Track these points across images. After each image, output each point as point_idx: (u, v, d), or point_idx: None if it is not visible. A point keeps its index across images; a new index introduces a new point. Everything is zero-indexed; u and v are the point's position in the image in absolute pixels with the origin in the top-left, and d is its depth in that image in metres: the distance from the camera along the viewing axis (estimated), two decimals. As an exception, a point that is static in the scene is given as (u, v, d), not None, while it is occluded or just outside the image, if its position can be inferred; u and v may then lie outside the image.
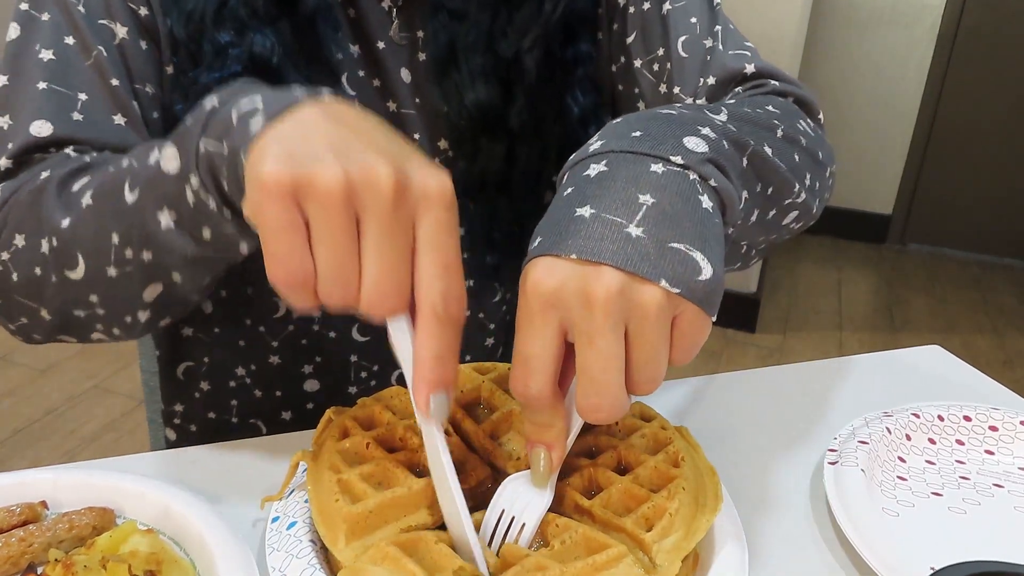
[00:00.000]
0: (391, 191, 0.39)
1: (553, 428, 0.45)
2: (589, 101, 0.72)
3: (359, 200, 0.39)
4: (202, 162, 0.45)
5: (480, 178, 0.70)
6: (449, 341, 0.41)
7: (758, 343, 2.65)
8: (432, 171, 0.41)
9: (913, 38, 3.15)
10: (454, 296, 0.41)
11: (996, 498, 0.60)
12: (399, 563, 0.42)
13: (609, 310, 0.40)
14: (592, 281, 0.40)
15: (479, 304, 0.77)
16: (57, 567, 0.44)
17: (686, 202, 0.43)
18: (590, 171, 0.45)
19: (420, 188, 0.40)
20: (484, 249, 0.73)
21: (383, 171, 0.39)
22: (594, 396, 0.41)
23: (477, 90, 0.67)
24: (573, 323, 0.41)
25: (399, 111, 0.69)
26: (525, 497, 0.47)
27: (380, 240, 0.39)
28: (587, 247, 0.41)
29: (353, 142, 0.40)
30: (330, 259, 0.39)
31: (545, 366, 0.42)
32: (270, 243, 0.39)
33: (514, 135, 0.69)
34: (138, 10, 0.62)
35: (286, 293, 0.40)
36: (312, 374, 0.75)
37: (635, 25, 0.71)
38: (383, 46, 0.68)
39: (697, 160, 0.44)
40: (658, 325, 0.41)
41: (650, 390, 0.43)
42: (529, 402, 0.43)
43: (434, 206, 0.40)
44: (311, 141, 0.40)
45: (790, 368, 0.77)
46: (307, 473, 0.49)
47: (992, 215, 3.31)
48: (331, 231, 0.39)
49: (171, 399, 0.80)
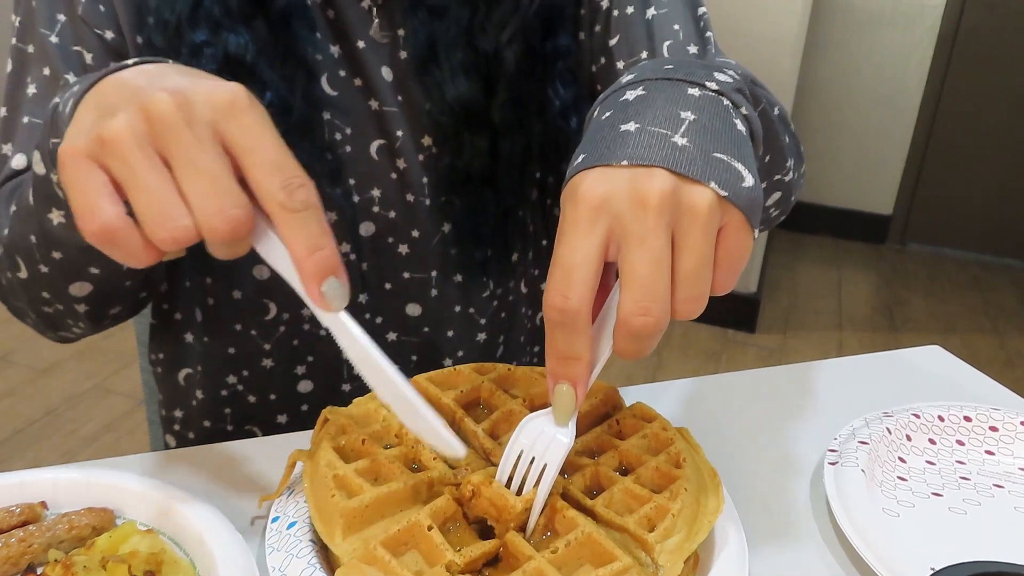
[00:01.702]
0: (174, 114, 0.38)
1: (580, 360, 0.43)
2: (570, 94, 0.72)
3: (152, 137, 0.38)
4: (55, 158, 0.46)
5: (465, 173, 0.70)
6: (313, 228, 0.40)
7: (758, 343, 2.65)
8: (218, 83, 0.40)
9: (913, 38, 3.15)
10: (296, 184, 0.39)
11: (996, 498, 0.60)
12: (387, 567, 0.42)
13: (663, 208, 0.40)
14: (645, 182, 0.40)
15: (468, 300, 0.77)
16: (57, 567, 0.44)
17: (724, 122, 0.44)
18: (628, 96, 0.46)
19: (207, 102, 0.39)
20: (471, 244, 0.73)
21: (160, 98, 0.38)
22: (644, 299, 0.40)
23: (458, 86, 0.67)
24: (624, 226, 0.40)
25: (381, 109, 0.70)
26: (546, 437, 0.45)
27: (188, 164, 0.38)
28: (637, 154, 0.41)
29: (138, 91, 0.40)
30: (144, 200, 0.38)
31: (587, 276, 0.40)
32: (73, 203, 0.39)
33: (497, 129, 0.69)
34: (103, 35, 0.64)
35: (102, 245, 0.39)
36: (305, 375, 0.75)
37: (618, 28, 0.72)
38: (363, 45, 0.68)
39: (730, 88, 0.47)
40: (707, 229, 0.41)
41: (693, 311, 0.41)
42: (566, 316, 0.41)
43: (231, 113, 0.39)
44: (102, 104, 0.40)
45: (790, 368, 0.77)
46: (303, 471, 0.49)
47: (992, 215, 3.31)
48: (135, 175, 0.38)
49: (171, 405, 0.80)
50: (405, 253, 0.73)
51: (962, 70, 3.16)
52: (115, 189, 0.39)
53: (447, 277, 0.75)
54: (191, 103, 0.39)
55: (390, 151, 0.70)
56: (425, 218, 0.72)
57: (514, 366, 0.58)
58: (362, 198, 0.70)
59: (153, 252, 0.39)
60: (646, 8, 0.70)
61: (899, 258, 3.39)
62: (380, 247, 0.72)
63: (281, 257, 0.41)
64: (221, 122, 0.39)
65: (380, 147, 0.70)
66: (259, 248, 0.41)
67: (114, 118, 0.38)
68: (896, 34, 3.15)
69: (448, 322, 0.77)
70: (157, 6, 0.62)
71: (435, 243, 0.73)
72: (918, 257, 3.40)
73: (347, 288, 0.41)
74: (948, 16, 3.09)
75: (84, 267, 0.57)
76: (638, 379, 2.39)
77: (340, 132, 0.69)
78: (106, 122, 0.39)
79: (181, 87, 0.39)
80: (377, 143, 0.70)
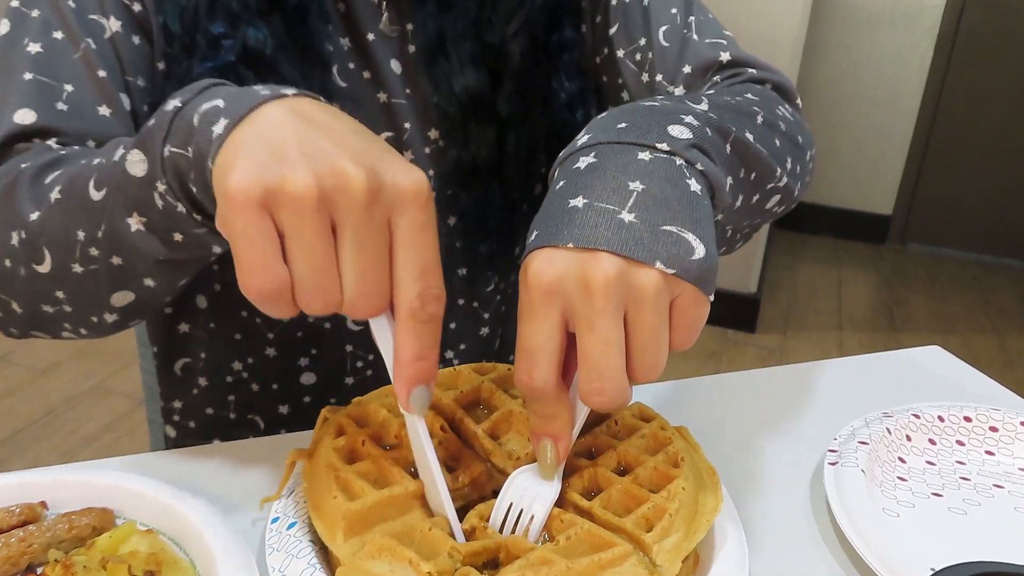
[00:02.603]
0: (364, 194, 0.38)
1: (558, 419, 0.45)
2: (575, 86, 0.73)
3: (332, 205, 0.38)
4: (168, 167, 0.45)
5: (471, 166, 0.71)
6: (428, 340, 0.41)
7: (758, 343, 2.65)
8: (406, 169, 0.40)
9: (913, 38, 3.15)
10: (432, 296, 0.41)
11: (996, 499, 0.60)
12: (395, 551, 0.42)
13: (608, 294, 0.40)
14: (590, 268, 0.41)
15: (473, 293, 0.78)
16: (57, 567, 0.44)
17: (674, 187, 0.44)
18: (580, 164, 0.46)
19: (393, 188, 0.39)
20: (477, 237, 0.74)
21: (355, 174, 0.38)
22: (596, 380, 0.41)
23: (466, 77, 0.68)
24: (574, 310, 0.42)
25: (390, 101, 0.70)
26: (533, 489, 0.47)
27: (357, 244, 0.39)
28: (582, 235, 0.42)
29: (322, 143, 0.39)
30: (308, 267, 0.39)
31: (548, 357, 0.43)
32: (242, 254, 0.39)
33: (503, 122, 0.70)
34: (131, 5, 0.63)
35: (261, 303, 0.39)
36: (308, 366, 0.75)
37: (617, 16, 0.72)
38: (373, 38, 0.69)
39: (682, 146, 0.46)
40: (656, 307, 0.41)
41: (652, 377, 0.43)
42: (534, 393, 0.44)
43: (410, 206, 0.40)
44: (278, 145, 0.39)
45: (790, 368, 0.77)
46: (303, 471, 0.49)
47: (992, 215, 3.31)
48: (306, 239, 0.38)
49: (170, 396, 0.80)
50: None
51: (962, 70, 3.16)
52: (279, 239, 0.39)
53: (452, 270, 0.75)
54: (382, 188, 0.39)
55: (398, 143, 0.71)
56: None
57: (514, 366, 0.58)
58: None
59: (295, 311, 0.40)
60: None
61: (899, 258, 3.39)
62: None
63: (387, 345, 0.43)
64: (397, 211, 0.40)
65: (388, 139, 0.71)
66: (373, 324, 0.43)
67: (297, 173, 0.38)
68: (896, 34, 3.15)
69: (451, 315, 0.77)
70: None
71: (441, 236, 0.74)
72: (918, 257, 3.40)
73: (431, 395, 0.43)
74: (948, 16, 3.09)
75: (141, 278, 0.53)
76: (638, 379, 2.39)
77: None
78: (286, 172, 0.38)
79: (373, 165, 0.39)
80: (385, 135, 0.71)
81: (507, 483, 0.48)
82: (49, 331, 0.59)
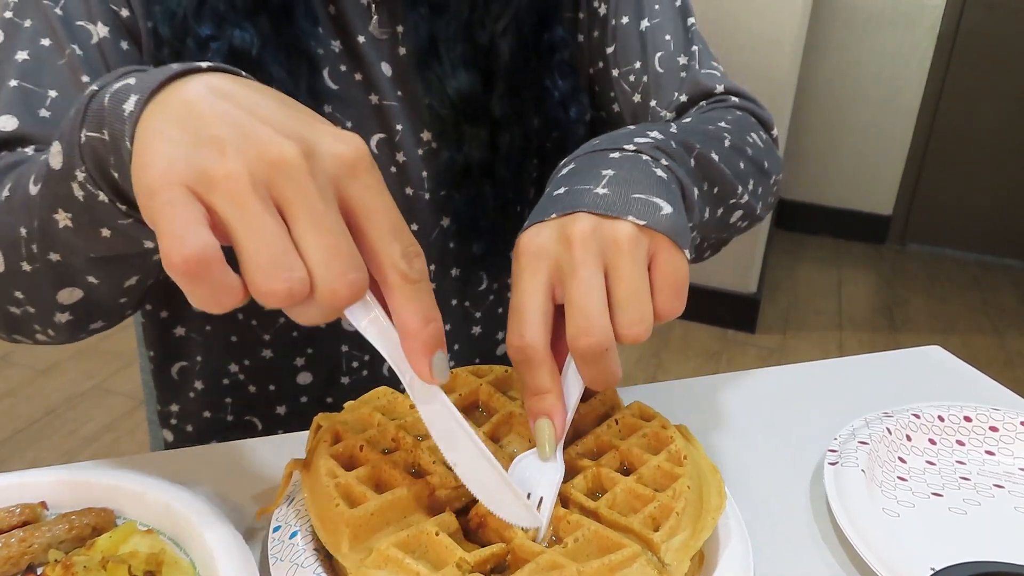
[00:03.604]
0: (300, 164, 0.35)
1: (551, 393, 0.46)
2: (568, 85, 0.74)
3: (270, 183, 0.35)
4: (86, 153, 0.42)
5: (464, 167, 0.71)
6: (427, 300, 0.39)
7: (758, 343, 2.65)
8: (339, 135, 0.38)
9: (913, 38, 3.15)
10: (415, 253, 0.39)
11: (996, 499, 0.60)
12: (401, 565, 0.42)
13: (587, 243, 0.45)
14: (569, 226, 0.46)
15: (465, 293, 0.78)
16: (57, 568, 0.44)
17: (642, 172, 0.50)
18: (562, 172, 0.53)
19: (331, 157, 0.37)
20: (470, 238, 0.74)
21: (286, 145, 0.35)
22: (582, 320, 0.44)
23: (459, 79, 0.68)
24: (559, 267, 0.46)
25: (381, 103, 0.70)
26: (537, 473, 0.47)
27: (311, 218, 0.35)
28: (563, 206, 0.48)
29: (243, 118, 0.36)
30: (255, 243, 0.34)
31: (536, 315, 0.45)
32: (162, 227, 0.34)
33: (496, 122, 0.70)
34: (119, 11, 0.63)
35: (188, 277, 0.34)
36: (304, 366, 0.75)
37: (614, 38, 0.73)
38: (363, 40, 0.69)
39: (648, 147, 0.52)
40: (633, 256, 0.45)
41: (638, 333, 0.45)
42: (525, 354, 0.45)
43: (355, 171, 0.37)
44: (197, 125, 0.36)
45: (790, 368, 0.77)
46: (302, 481, 0.48)
47: (992, 215, 3.31)
48: (245, 214, 0.34)
49: (167, 400, 0.80)
50: None
51: (962, 70, 3.16)
52: (212, 229, 0.35)
53: (445, 271, 0.75)
54: (316, 154, 0.36)
55: (390, 145, 0.71)
56: (424, 212, 0.73)
57: (511, 368, 0.58)
58: None
59: (240, 297, 0.35)
60: (640, 19, 0.72)
61: (899, 258, 3.39)
62: None
63: (374, 323, 0.39)
64: (343, 179, 0.37)
65: (380, 141, 0.71)
66: (353, 316, 0.39)
67: (224, 156, 0.35)
68: (896, 34, 3.15)
69: (445, 316, 0.77)
70: None
71: (434, 237, 0.74)
72: (918, 257, 3.40)
73: (448, 359, 0.41)
74: (948, 16, 3.09)
75: (83, 275, 0.52)
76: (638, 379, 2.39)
77: (341, 126, 0.69)
78: (213, 157, 0.35)
79: (303, 133, 0.36)
80: (377, 137, 0.71)
81: (509, 471, 0.47)
82: (25, 333, 0.59)
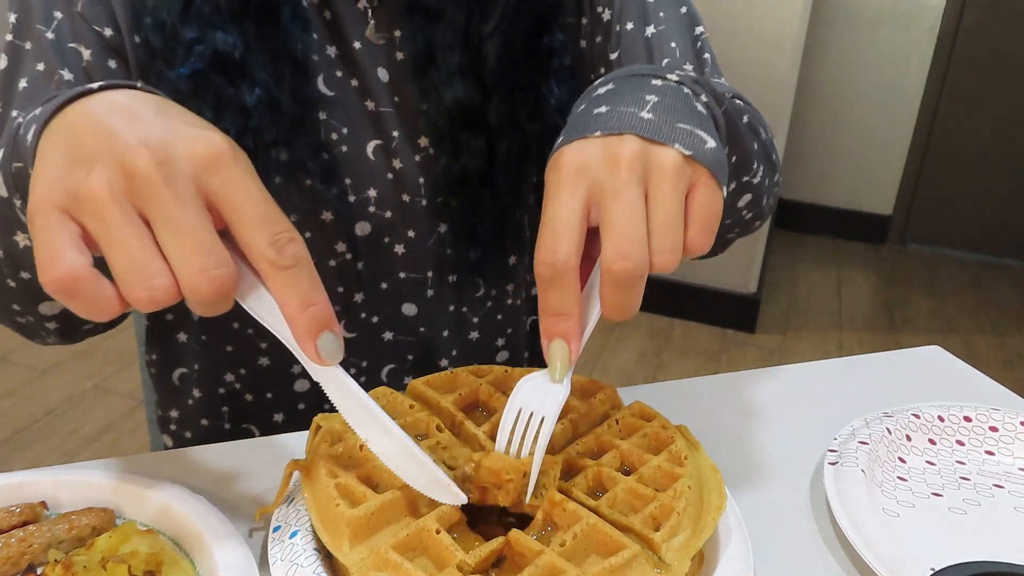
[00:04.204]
0: (153, 169, 0.37)
1: (572, 317, 0.45)
2: (565, 91, 0.73)
3: (131, 194, 0.37)
4: (18, 183, 0.45)
5: (461, 174, 0.70)
6: (305, 284, 0.39)
7: (758, 343, 2.65)
8: (197, 134, 0.39)
9: (913, 38, 3.15)
10: (285, 240, 0.39)
11: (996, 498, 0.60)
12: (400, 570, 0.42)
13: (633, 166, 0.44)
14: (616, 146, 0.45)
15: (462, 299, 0.78)
16: (57, 568, 0.44)
17: (684, 104, 0.49)
18: (600, 91, 0.51)
19: (188, 157, 0.38)
20: (467, 244, 0.73)
21: (140, 154, 0.37)
22: (622, 244, 0.42)
23: (455, 89, 0.68)
24: (601, 185, 0.44)
25: (378, 109, 0.70)
26: (541, 394, 0.47)
27: (168, 223, 0.37)
28: (609, 126, 0.46)
29: (112, 134, 0.38)
30: (119, 259, 0.37)
31: (573, 230, 0.44)
32: (37, 249, 0.37)
33: (493, 130, 0.70)
34: (102, 32, 0.63)
35: (62, 297, 0.37)
36: (302, 374, 0.75)
37: (618, 44, 0.72)
38: (359, 46, 0.68)
39: (689, 80, 0.51)
40: (675, 184, 0.44)
41: (667, 262, 0.44)
42: (555, 272, 0.44)
43: (214, 167, 0.38)
44: (73, 148, 0.39)
45: (790, 368, 0.77)
46: (302, 481, 0.48)
47: (992, 215, 3.31)
48: (108, 228, 0.37)
49: (167, 405, 0.80)
50: (401, 253, 0.73)
51: (962, 71, 3.16)
52: (88, 245, 0.38)
53: (443, 277, 0.75)
54: (171, 158, 0.38)
55: (386, 151, 0.71)
56: (421, 218, 0.72)
57: (511, 368, 0.58)
58: (358, 198, 0.70)
59: (117, 306, 0.38)
60: (645, 26, 0.71)
61: (899, 258, 3.39)
62: (376, 247, 0.72)
63: (270, 311, 0.40)
64: (204, 176, 0.38)
65: (376, 147, 0.70)
66: (246, 303, 0.40)
67: (90, 174, 0.37)
68: (896, 34, 3.15)
69: (443, 322, 0.77)
70: (154, 6, 0.62)
71: (431, 243, 0.73)
72: (918, 257, 3.40)
73: (341, 342, 0.41)
74: (948, 16, 3.09)
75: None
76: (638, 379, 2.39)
77: (336, 132, 0.69)
78: (81, 176, 0.37)
79: (160, 139, 0.38)
80: (373, 143, 0.70)
81: (514, 391, 0.47)
82: (37, 339, 0.64)
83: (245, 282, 0.40)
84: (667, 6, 0.72)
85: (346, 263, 0.71)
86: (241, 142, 0.41)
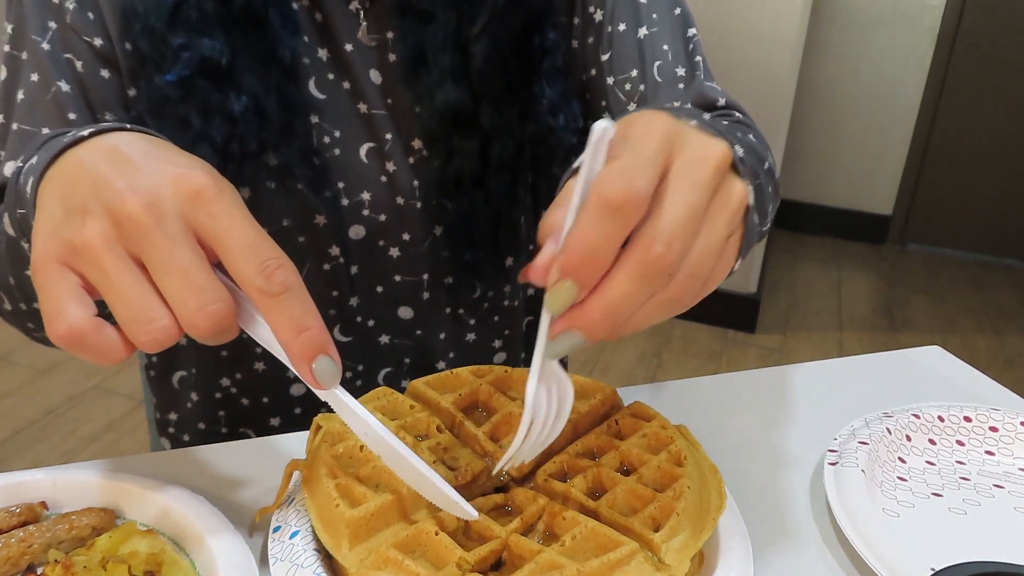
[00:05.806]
0: (142, 214, 0.38)
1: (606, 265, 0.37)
2: (556, 91, 0.72)
3: (123, 240, 0.38)
4: (23, 227, 0.46)
5: (455, 176, 0.70)
6: (297, 311, 0.39)
7: (758, 343, 2.65)
8: (180, 173, 0.39)
9: (913, 38, 3.15)
10: (273, 267, 0.39)
11: (996, 499, 0.60)
12: (400, 566, 0.42)
13: (719, 173, 0.40)
14: (714, 147, 0.40)
15: (458, 300, 0.77)
16: (57, 568, 0.44)
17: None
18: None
19: (173, 198, 0.39)
20: (462, 246, 0.73)
21: (128, 199, 0.38)
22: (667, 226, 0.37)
23: (447, 92, 0.67)
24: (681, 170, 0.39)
25: (370, 112, 0.70)
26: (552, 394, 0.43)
27: (161, 264, 0.38)
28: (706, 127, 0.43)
29: (102, 184, 0.39)
30: (119, 307, 0.38)
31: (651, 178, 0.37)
32: (42, 304, 0.39)
33: (486, 132, 0.69)
34: (92, 42, 0.64)
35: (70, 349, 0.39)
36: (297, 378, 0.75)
37: (610, 45, 0.71)
38: (351, 48, 0.68)
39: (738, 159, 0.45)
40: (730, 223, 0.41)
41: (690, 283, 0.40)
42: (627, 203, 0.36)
43: (199, 203, 0.39)
44: (67, 198, 0.40)
45: (790, 368, 0.77)
46: (302, 481, 0.48)
47: (992, 215, 3.31)
48: (106, 277, 0.38)
49: (166, 408, 0.80)
50: (396, 256, 0.73)
51: (962, 70, 3.16)
52: (89, 292, 0.39)
53: (439, 280, 0.75)
54: (158, 200, 0.38)
55: (379, 154, 0.70)
56: (416, 221, 0.72)
57: (511, 368, 0.58)
58: (352, 202, 0.70)
59: (122, 352, 0.39)
60: (638, 27, 0.70)
61: (899, 258, 3.39)
62: (371, 250, 0.72)
63: (269, 336, 0.41)
64: (191, 214, 0.39)
65: (369, 150, 0.70)
66: (248, 330, 0.41)
67: (84, 224, 0.38)
68: (896, 34, 3.15)
69: (440, 324, 0.77)
70: (144, 12, 0.62)
71: (426, 246, 0.73)
72: (918, 257, 3.40)
73: (338, 364, 0.41)
74: (948, 16, 3.09)
75: None
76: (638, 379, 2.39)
77: (329, 136, 0.68)
78: (76, 227, 0.38)
79: (147, 183, 0.39)
80: (366, 146, 0.70)
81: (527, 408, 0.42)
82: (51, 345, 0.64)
83: (245, 310, 0.41)
84: (660, 8, 0.71)
85: (340, 267, 0.71)
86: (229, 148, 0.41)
